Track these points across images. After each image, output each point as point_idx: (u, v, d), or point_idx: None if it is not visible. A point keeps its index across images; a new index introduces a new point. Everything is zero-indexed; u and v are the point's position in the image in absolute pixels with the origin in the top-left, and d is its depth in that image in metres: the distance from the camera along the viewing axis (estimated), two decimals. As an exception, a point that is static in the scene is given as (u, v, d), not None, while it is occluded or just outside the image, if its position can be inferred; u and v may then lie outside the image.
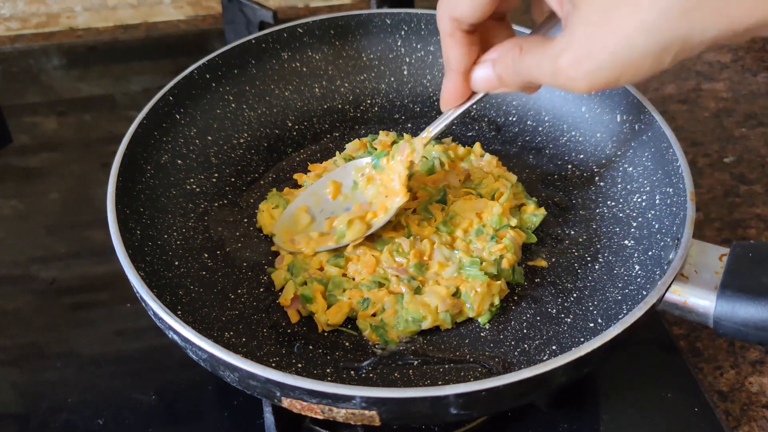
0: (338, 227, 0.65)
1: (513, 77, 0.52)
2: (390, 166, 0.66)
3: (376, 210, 0.66)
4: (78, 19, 1.11)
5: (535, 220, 0.69)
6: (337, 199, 0.68)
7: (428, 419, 0.56)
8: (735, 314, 0.54)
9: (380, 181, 0.67)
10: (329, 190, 0.68)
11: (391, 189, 0.65)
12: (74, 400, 0.65)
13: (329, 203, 0.68)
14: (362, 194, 0.67)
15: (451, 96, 0.58)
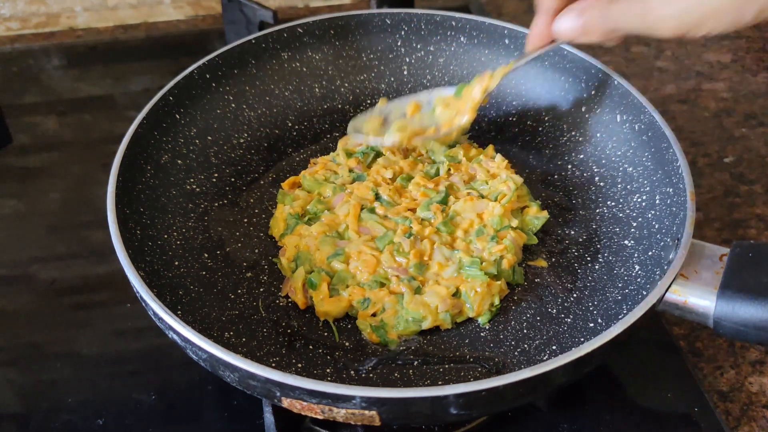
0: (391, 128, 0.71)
1: (600, 25, 0.55)
2: (467, 93, 0.70)
3: (441, 125, 0.71)
4: (78, 19, 1.11)
5: (537, 222, 0.69)
6: (414, 117, 0.72)
7: (428, 419, 0.56)
8: (735, 314, 0.54)
9: (454, 105, 0.71)
10: (410, 108, 0.72)
11: (462, 110, 0.70)
12: (74, 400, 0.65)
13: (407, 119, 0.72)
14: (437, 118, 0.72)
15: (539, 36, 0.63)
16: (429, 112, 0.73)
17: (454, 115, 0.71)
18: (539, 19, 0.61)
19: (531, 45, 0.64)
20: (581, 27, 0.56)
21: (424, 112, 0.73)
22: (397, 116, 0.73)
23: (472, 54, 0.81)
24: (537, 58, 0.66)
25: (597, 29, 0.55)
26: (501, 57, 0.80)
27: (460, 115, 0.71)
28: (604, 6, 0.54)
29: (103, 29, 1.11)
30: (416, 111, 0.73)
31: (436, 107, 0.72)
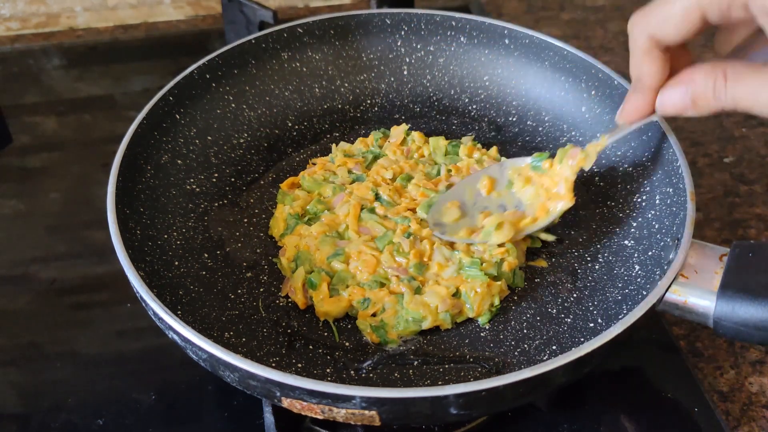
0: (487, 226, 0.65)
1: (712, 103, 0.51)
2: (554, 169, 0.65)
3: (534, 213, 0.66)
4: (78, 19, 1.11)
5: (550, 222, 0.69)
6: (491, 195, 0.68)
7: (428, 419, 0.56)
8: (735, 314, 0.54)
9: (540, 183, 0.66)
10: (484, 184, 0.68)
11: (553, 193, 0.65)
12: (74, 400, 0.65)
13: (483, 198, 0.68)
14: (518, 194, 0.67)
15: (637, 111, 0.58)
16: (506, 188, 0.68)
17: (544, 198, 0.66)
18: (638, 95, 0.57)
19: (627, 118, 0.59)
20: (691, 104, 0.52)
21: (500, 188, 0.68)
22: (474, 198, 0.68)
23: (472, 54, 0.81)
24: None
25: (707, 108, 0.51)
26: (501, 57, 0.80)
27: (554, 200, 0.65)
28: (720, 84, 0.49)
29: (103, 29, 1.11)
30: (492, 187, 0.68)
31: (513, 182, 0.68)
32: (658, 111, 0.56)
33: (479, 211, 0.67)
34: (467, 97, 0.82)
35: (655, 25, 0.51)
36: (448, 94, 0.82)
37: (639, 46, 0.53)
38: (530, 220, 0.65)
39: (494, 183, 0.68)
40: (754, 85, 0.47)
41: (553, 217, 0.65)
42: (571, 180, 0.64)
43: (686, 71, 0.53)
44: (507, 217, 0.65)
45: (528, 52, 0.79)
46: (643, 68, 0.54)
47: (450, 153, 0.75)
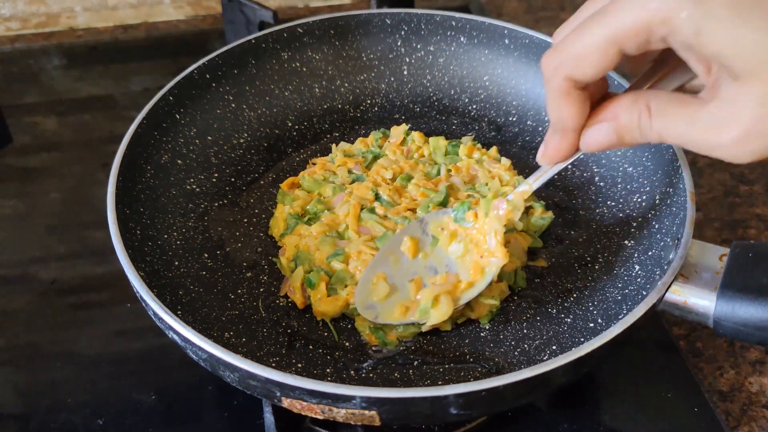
0: (422, 303, 0.60)
1: (637, 138, 0.48)
2: (481, 222, 0.60)
3: (469, 275, 0.61)
4: (78, 19, 1.11)
5: (543, 223, 0.69)
6: (417, 258, 0.62)
7: (428, 419, 0.56)
8: (735, 314, 0.54)
9: (468, 238, 0.61)
10: (407, 246, 0.62)
11: (484, 248, 0.60)
12: (74, 400, 0.65)
13: (410, 262, 0.62)
14: (446, 251, 0.62)
15: (560, 153, 0.53)
16: (431, 246, 0.62)
17: (476, 255, 0.60)
18: (560, 137, 0.52)
19: (550, 160, 0.54)
20: (617, 141, 0.49)
21: (426, 248, 0.62)
22: (400, 265, 0.62)
23: (472, 54, 0.81)
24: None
25: (638, 141, 0.48)
26: (501, 57, 0.80)
27: (488, 257, 0.60)
28: (644, 118, 0.46)
29: (103, 29, 1.11)
30: (416, 249, 0.62)
31: (439, 239, 0.62)
32: (584, 150, 0.52)
33: (408, 279, 0.62)
34: (467, 97, 0.82)
35: (570, 65, 0.46)
36: (448, 94, 0.82)
37: (556, 89, 0.48)
38: (466, 285, 0.60)
39: (417, 243, 0.63)
40: (680, 122, 0.44)
41: (490, 276, 0.60)
42: (502, 233, 0.59)
43: (608, 106, 0.49)
44: (440, 287, 0.60)
45: (528, 52, 0.79)
46: (562, 111, 0.49)
47: (450, 153, 0.75)
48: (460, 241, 0.62)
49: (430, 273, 0.62)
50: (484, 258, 0.60)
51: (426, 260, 0.62)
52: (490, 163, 0.73)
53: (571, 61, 0.45)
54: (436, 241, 0.63)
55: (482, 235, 0.60)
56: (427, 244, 0.63)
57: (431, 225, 0.63)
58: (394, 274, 0.62)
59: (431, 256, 0.63)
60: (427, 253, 0.63)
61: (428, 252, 0.63)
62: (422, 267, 0.62)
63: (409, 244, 0.62)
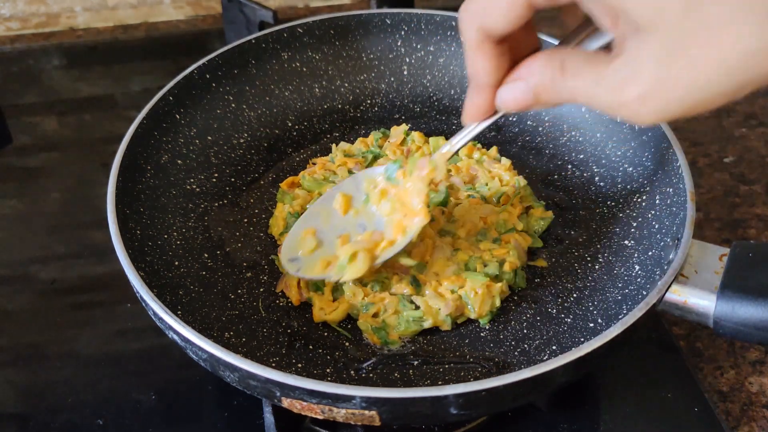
0: (340, 259, 0.60)
1: (552, 97, 0.46)
2: (407, 182, 0.60)
3: (392, 233, 0.60)
4: (78, 19, 1.11)
5: (543, 223, 0.69)
6: (348, 214, 0.62)
7: (428, 419, 0.56)
8: (735, 314, 0.54)
9: (396, 197, 0.60)
10: (339, 204, 0.62)
11: (410, 208, 0.59)
12: (74, 400, 0.65)
13: (340, 219, 0.62)
14: (376, 209, 0.61)
15: (478, 110, 0.52)
16: (364, 204, 0.62)
17: (401, 215, 0.60)
18: (477, 92, 0.50)
19: (471, 118, 0.53)
20: (533, 99, 0.47)
21: (357, 205, 0.62)
22: (330, 221, 0.62)
23: (472, 54, 0.81)
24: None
25: (553, 101, 0.47)
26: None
27: (410, 216, 0.59)
28: (557, 77, 0.45)
29: (103, 29, 1.11)
30: (348, 206, 0.61)
31: (370, 196, 0.61)
32: (500, 108, 0.50)
33: (337, 235, 0.61)
34: (467, 97, 0.82)
35: (481, 16, 0.45)
36: (448, 94, 0.82)
37: (469, 41, 0.47)
38: (387, 243, 0.60)
39: (350, 200, 0.62)
40: (589, 80, 0.43)
41: (410, 236, 0.59)
42: (425, 193, 0.58)
43: (525, 64, 0.47)
44: (361, 244, 0.59)
45: (528, 52, 0.78)
46: (476, 65, 0.48)
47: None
48: (389, 200, 0.60)
49: (359, 230, 0.61)
50: (407, 217, 0.59)
51: (357, 217, 0.62)
52: (490, 163, 0.73)
53: (482, 11, 0.45)
54: (368, 199, 0.62)
55: (407, 194, 0.59)
56: (360, 201, 0.62)
57: (365, 182, 0.62)
58: (324, 229, 0.62)
59: (362, 214, 0.62)
60: (358, 210, 0.62)
61: (359, 209, 0.62)
62: (352, 224, 0.62)
63: (341, 201, 0.62)
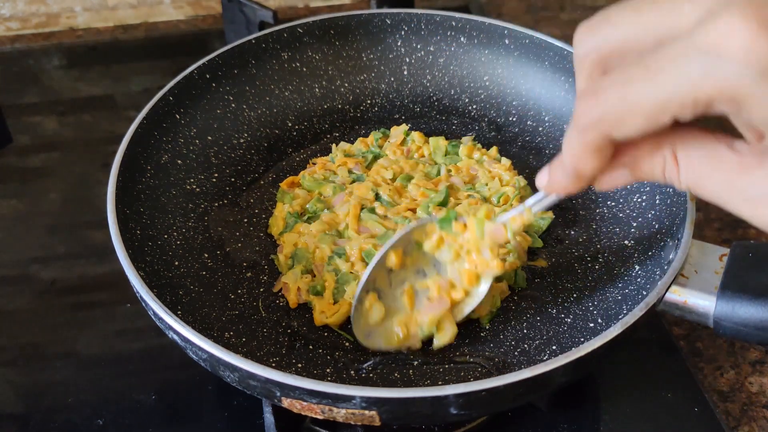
0: (425, 327, 0.58)
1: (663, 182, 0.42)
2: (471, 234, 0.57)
3: (462, 280, 0.58)
4: (78, 19, 1.11)
5: (543, 223, 0.69)
6: (402, 267, 0.59)
7: (428, 419, 0.56)
8: (735, 314, 0.54)
9: (457, 244, 0.58)
10: (392, 262, 0.59)
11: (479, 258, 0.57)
12: (74, 400, 0.65)
13: (397, 273, 0.59)
14: (432, 253, 0.59)
15: (564, 191, 0.47)
16: (416, 250, 0.59)
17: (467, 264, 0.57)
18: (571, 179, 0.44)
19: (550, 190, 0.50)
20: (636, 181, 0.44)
21: (410, 254, 0.59)
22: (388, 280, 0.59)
23: (472, 54, 0.81)
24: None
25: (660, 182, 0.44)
26: (501, 57, 0.80)
27: (482, 267, 0.57)
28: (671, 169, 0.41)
29: (103, 29, 1.11)
30: (401, 259, 0.59)
31: (423, 242, 0.59)
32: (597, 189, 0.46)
33: (400, 291, 0.59)
34: (467, 97, 0.82)
35: (611, 124, 0.38)
36: (448, 94, 0.82)
37: (588, 142, 0.40)
38: (462, 294, 0.58)
39: (401, 254, 0.59)
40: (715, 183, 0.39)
41: (486, 285, 0.58)
42: (497, 247, 0.57)
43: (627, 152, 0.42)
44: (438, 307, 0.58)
45: (528, 52, 0.79)
46: (585, 163, 0.42)
47: (450, 153, 0.75)
48: (450, 248, 0.58)
49: (420, 277, 0.60)
50: (480, 266, 0.57)
51: (413, 265, 0.60)
52: (490, 163, 0.73)
53: (614, 121, 0.37)
54: (420, 245, 0.59)
55: (474, 246, 0.57)
56: (412, 250, 0.59)
57: (414, 234, 0.59)
58: (385, 291, 0.59)
59: (418, 260, 0.60)
60: (413, 258, 0.59)
61: (414, 257, 0.59)
62: (411, 273, 0.60)
63: (394, 259, 0.59)
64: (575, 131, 0.40)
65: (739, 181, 0.38)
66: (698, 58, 0.33)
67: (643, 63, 0.35)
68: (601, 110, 0.38)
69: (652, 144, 0.41)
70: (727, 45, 0.32)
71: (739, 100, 0.33)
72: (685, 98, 0.35)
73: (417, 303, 0.60)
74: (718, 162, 0.39)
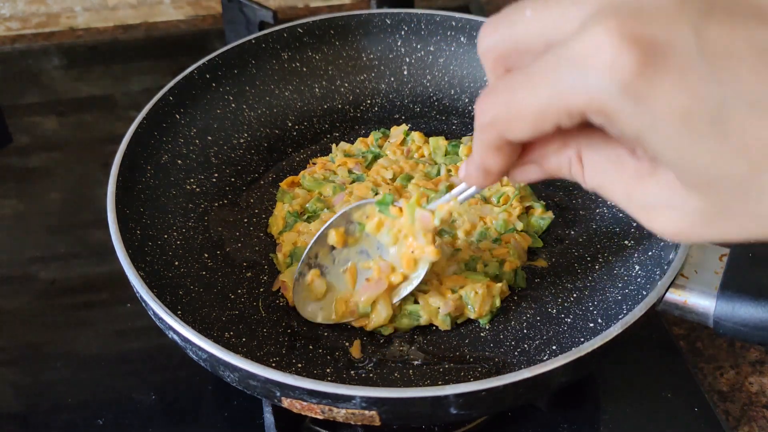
0: (360, 307, 0.60)
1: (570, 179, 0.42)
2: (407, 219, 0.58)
3: (401, 263, 0.59)
4: (78, 19, 1.11)
5: (543, 223, 0.69)
6: (345, 246, 0.61)
7: (428, 419, 0.56)
8: (735, 314, 0.54)
9: (396, 229, 0.59)
10: (334, 240, 0.61)
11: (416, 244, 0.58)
12: (74, 400, 0.65)
13: (340, 252, 0.61)
14: (374, 236, 0.60)
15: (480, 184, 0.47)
16: (359, 231, 0.61)
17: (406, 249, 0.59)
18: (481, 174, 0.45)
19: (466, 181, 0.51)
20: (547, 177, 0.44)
21: (355, 233, 0.61)
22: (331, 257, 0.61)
23: (472, 54, 0.81)
24: None
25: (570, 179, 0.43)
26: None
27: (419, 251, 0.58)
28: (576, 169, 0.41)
29: (103, 29, 1.11)
30: (343, 238, 0.60)
31: (363, 225, 0.60)
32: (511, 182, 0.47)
33: (342, 270, 0.61)
34: (467, 97, 0.82)
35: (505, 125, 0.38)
36: (448, 94, 0.82)
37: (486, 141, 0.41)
38: (401, 278, 0.60)
39: (343, 233, 0.61)
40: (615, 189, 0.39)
41: (423, 271, 0.59)
42: (431, 235, 0.57)
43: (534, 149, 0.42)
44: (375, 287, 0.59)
45: (528, 52, 0.78)
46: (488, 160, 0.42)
47: (450, 153, 0.75)
48: (389, 232, 0.60)
49: (363, 257, 0.61)
50: (416, 252, 0.58)
51: (356, 245, 0.61)
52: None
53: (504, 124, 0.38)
54: (362, 226, 0.61)
55: (411, 231, 0.58)
56: (355, 230, 0.61)
57: (355, 215, 0.61)
58: (328, 268, 0.61)
59: (361, 241, 0.61)
60: (356, 238, 0.61)
61: (357, 237, 0.61)
62: (354, 252, 0.61)
63: (335, 236, 0.60)
64: (476, 130, 0.41)
65: (636, 188, 0.38)
66: (569, 69, 0.33)
67: (527, 70, 0.36)
68: (493, 113, 0.38)
69: (559, 143, 0.41)
70: (594, 58, 0.32)
71: (607, 114, 0.33)
72: (560, 108, 0.35)
73: (359, 282, 0.61)
74: (620, 167, 0.39)
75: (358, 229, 0.61)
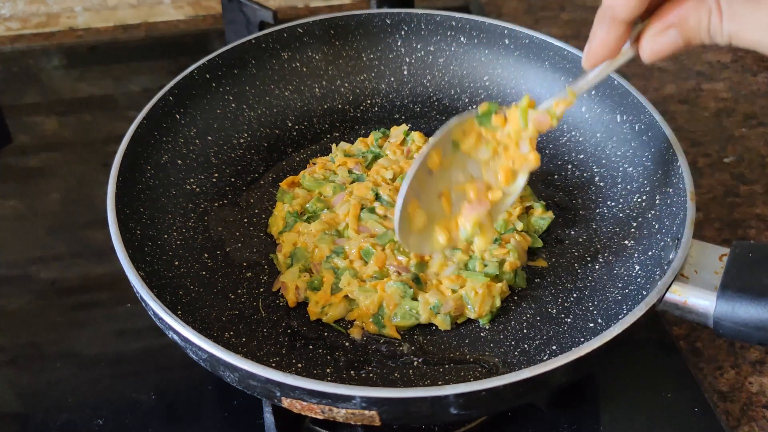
0: (468, 231, 0.57)
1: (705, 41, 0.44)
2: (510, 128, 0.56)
3: (500, 179, 0.57)
4: (78, 19, 1.11)
5: (543, 223, 0.69)
6: (439, 170, 0.57)
7: (428, 419, 0.56)
8: (735, 314, 0.54)
9: (494, 140, 0.57)
10: (433, 162, 0.56)
11: (516, 153, 0.56)
12: (74, 400, 0.65)
13: (434, 177, 0.57)
14: (469, 154, 0.57)
15: (605, 49, 0.47)
16: (452, 152, 0.57)
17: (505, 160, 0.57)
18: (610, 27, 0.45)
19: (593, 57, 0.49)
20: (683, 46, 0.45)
21: (448, 155, 0.57)
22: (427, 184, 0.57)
23: (472, 54, 0.81)
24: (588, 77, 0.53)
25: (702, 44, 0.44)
26: (501, 57, 0.80)
27: (519, 162, 0.57)
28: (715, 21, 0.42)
29: (103, 29, 1.11)
30: (439, 161, 0.57)
31: (461, 143, 0.57)
32: (645, 58, 0.47)
33: (437, 195, 0.58)
34: (467, 97, 0.82)
35: None
36: (448, 94, 0.82)
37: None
38: (499, 192, 0.58)
39: (440, 154, 0.57)
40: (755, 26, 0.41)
41: (522, 181, 0.57)
42: (535, 138, 0.56)
43: (672, 9, 0.44)
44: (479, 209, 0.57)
45: (528, 52, 0.79)
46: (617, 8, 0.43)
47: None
48: (486, 144, 0.57)
49: (456, 180, 0.58)
50: (516, 162, 0.57)
51: (449, 169, 0.57)
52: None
53: None
54: (457, 145, 0.57)
55: (510, 138, 0.56)
56: (448, 150, 0.57)
57: (453, 132, 0.57)
58: (424, 196, 0.57)
59: (455, 163, 0.57)
60: (450, 160, 0.57)
61: (450, 158, 0.57)
62: (447, 176, 0.57)
63: (434, 158, 0.56)
64: None
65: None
66: None
67: None
68: None
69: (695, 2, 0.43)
70: None
71: None
72: None
73: (454, 207, 0.58)
74: (756, 5, 0.41)
75: (451, 149, 0.57)
